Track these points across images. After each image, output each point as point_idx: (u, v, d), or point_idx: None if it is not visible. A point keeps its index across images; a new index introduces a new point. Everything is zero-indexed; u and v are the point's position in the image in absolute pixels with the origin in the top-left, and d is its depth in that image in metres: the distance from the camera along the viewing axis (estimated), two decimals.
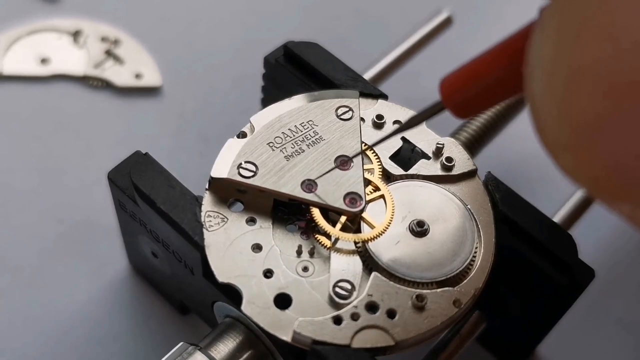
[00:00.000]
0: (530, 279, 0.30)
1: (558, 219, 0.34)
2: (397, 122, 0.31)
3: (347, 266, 0.27)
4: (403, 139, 0.31)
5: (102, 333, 0.35)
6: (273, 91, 0.35)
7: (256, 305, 0.26)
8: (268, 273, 0.27)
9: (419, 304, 0.26)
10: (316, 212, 0.28)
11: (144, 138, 0.42)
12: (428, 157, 0.30)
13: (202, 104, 0.44)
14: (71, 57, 0.44)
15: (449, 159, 0.30)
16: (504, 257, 0.29)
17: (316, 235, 0.28)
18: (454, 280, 0.27)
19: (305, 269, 0.27)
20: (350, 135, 0.30)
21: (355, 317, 0.26)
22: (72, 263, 0.37)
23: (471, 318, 0.32)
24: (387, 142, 0.30)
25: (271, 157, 0.29)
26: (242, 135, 0.30)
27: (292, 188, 0.28)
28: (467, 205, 0.29)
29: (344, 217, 0.28)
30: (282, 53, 0.34)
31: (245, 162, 0.29)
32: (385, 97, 0.32)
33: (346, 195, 0.28)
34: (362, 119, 0.31)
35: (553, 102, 0.18)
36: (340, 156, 0.29)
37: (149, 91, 0.44)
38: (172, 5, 0.48)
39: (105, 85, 0.44)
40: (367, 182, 0.29)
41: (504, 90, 0.23)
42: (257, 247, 0.27)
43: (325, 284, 0.27)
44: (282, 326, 0.26)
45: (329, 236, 0.28)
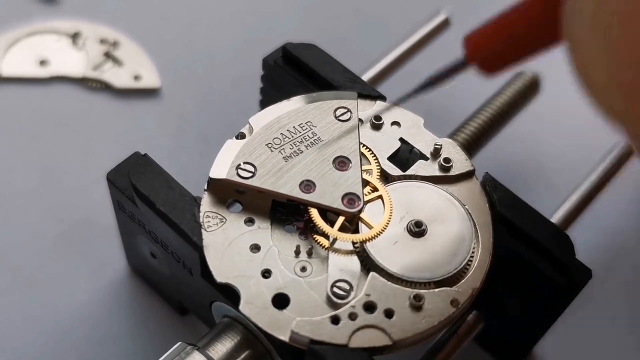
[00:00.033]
0: (527, 279, 0.30)
1: (556, 220, 0.34)
2: (395, 124, 0.31)
3: (345, 266, 0.27)
4: (401, 139, 0.31)
5: (101, 333, 0.35)
6: (272, 92, 0.35)
7: (254, 305, 0.26)
8: (266, 273, 0.27)
9: (416, 303, 0.27)
10: (314, 213, 0.28)
11: (143, 139, 0.42)
12: (426, 158, 0.30)
13: (201, 106, 0.44)
14: (70, 58, 0.44)
15: (447, 160, 0.30)
16: (502, 258, 0.29)
17: (314, 236, 0.28)
18: (451, 280, 0.27)
19: (304, 269, 0.27)
20: (349, 136, 0.30)
21: (353, 317, 0.26)
22: (71, 263, 0.37)
23: (469, 318, 0.32)
24: (385, 143, 0.30)
25: (270, 158, 0.29)
26: (241, 136, 0.30)
27: (290, 189, 0.28)
28: (464, 205, 0.29)
29: (342, 218, 0.28)
30: (280, 54, 0.34)
31: (243, 163, 0.29)
32: (383, 98, 0.32)
33: (344, 195, 0.28)
34: (361, 120, 0.31)
35: (599, 41, 0.17)
36: (338, 157, 0.29)
37: (148, 93, 0.44)
38: (170, 7, 0.48)
39: (104, 86, 0.44)
40: (365, 183, 0.29)
41: (536, 38, 0.21)
42: (255, 248, 0.28)
43: (323, 284, 0.27)
44: (280, 326, 0.26)
45: (327, 236, 0.28)
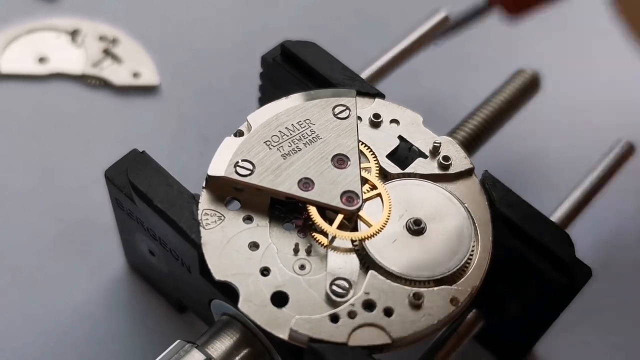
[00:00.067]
0: (527, 277, 0.30)
1: (556, 218, 0.34)
2: (394, 121, 0.31)
3: (344, 264, 0.27)
4: (400, 137, 0.31)
5: (101, 331, 0.35)
6: (270, 90, 0.35)
7: (253, 303, 0.26)
8: (265, 271, 0.27)
9: (416, 302, 0.27)
10: (313, 211, 0.28)
11: (141, 136, 0.42)
12: (425, 156, 0.30)
13: (200, 103, 0.44)
14: (69, 56, 0.44)
15: (446, 158, 0.30)
16: (501, 256, 0.29)
17: (313, 234, 0.28)
18: (451, 278, 0.27)
19: (302, 267, 0.27)
20: (347, 134, 0.30)
21: (352, 315, 0.26)
22: (71, 262, 0.37)
23: (468, 316, 0.32)
24: (384, 141, 0.30)
25: (268, 156, 0.29)
26: (239, 133, 0.30)
27: (289, 186, 0.28)
28: (464, 203, 0.29)
29: (341, 216, 0.28)
30: (279, 52, 0.34)
31: (242, 160, 0.29)
32: (382, 96, 0.32)
33: (343, 193, 0.28)
34: (359, 118, 0.31)
35: None
36: (337, 155, 0.29)
37: (147, 90, 0.44)
38: (170, 4, 0.48)
39: (103, 84, 0.44)
40: (364, 181, 0.29)
41: None
42: (254, 245, 0.28)
43: (322, 282, 0.27)
44: (279, 324, 0.26)
45: (325, 234, 0.28)
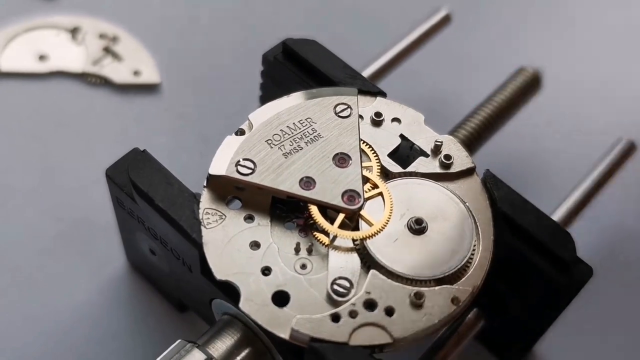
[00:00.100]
0: (528, 276, 0.29)
1: (557, 217, 0.34)
2: (396, 120, 0.31)
3: (345, 264, 0.27)
4: (401, 136, 0.31)
5: (101, 331, 0.35)
6: (271, 88, 0.35)
7: (254, 302, 0.26)
8: (266, 270, 0.27)
9: (417, 301, 0.26)
10: (314, 210, 0.28)
11: (142, 135, 0.42)
12: (426, 155, 0.30)
13: (201, 101, 0.44)
14: (69, 53, 0.44)
15: (448, 157, 0.30)
16: (502, 255, 0.29)
17: (314, 233, 0.28)
18: (452, 277, 0.27)
19: (304, 266, 0.27)
20: (349, 133, 0.30)
21: (353, 314, 0.26)
22: (71, 262, 0.37)
23: (469, 316, 0.32)
24: (386, 140, 0.30)
25: (269, 155, 0.29)
26: (240, 132, 0.30)
27: (290, 185, 0.28)
28: (465, 203, 0.29)
29: (342, 215, 0.28)
30: (280, 50, 0.34)
31: (243, 159, 0.29)
32: (384, 94, 0.32)
33: (344, 192, 0.28)
34: (361, 117, 0.31)
35: None
36: (338, 154, 0.29)
37: (148, 88, 0.44)
38: (170, 2, 0.48)
39: (103, 82, 0.44)
40: (365, 180, 0.29)
41: None
42: (255, 245, 0.27)
43: (323, 282, 0.27)
44: (280, 323, 0.26)
45: (327, 234, 0.28)
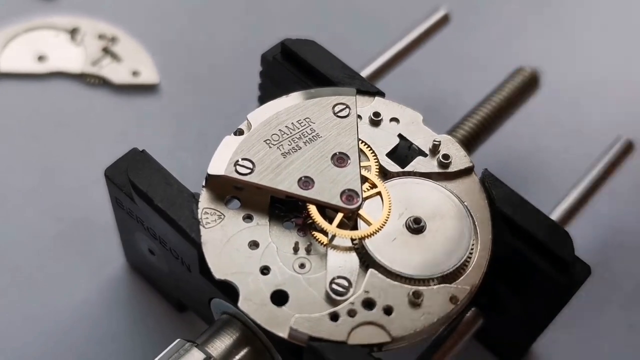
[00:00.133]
0: (527, 275, 0.30)
1: (555, 216, 0.34)
2: (394, 120, 0.31)
3: (344, 263, 0.27)
4: (400, 136, 0.31)
5: (101, 331, 0.35)
6: (270, 88, 0.35)
7: (253, 302, 0.26)
8: (265, 270, 0.27)
9: (415, 300, 0.27)
10: (313, 209, 0.28)
11: (141, 135, 0.42)
12: (425, 154, 0.30)
13: (200, 101, 0.44)
14: (68, 54, 0.44)
15: (446, 156, 0.30)
16: (501, 254, 0.29)
17: (313, 232, 0.28)
18: (450, 277, 0.27)
19: (302, 265, 0.27)
20: (347, 133, 0.30)
21: (352, 313, 0.26)
22: (71, 262, 0.37)
23: (468, 315, 0.32)
24: (384, 139, 0.30)
25: (268, 154, 0.29)
26: (239, 132, 0.30)
27: (289, 185, 0.28)
28: (463, 202, 0.29)
29: (341, 214, 0.28)
30: (279, 50, 0.34)
31: (242, 159, 0.29)
32: (382, 94, 0.32)
33: (343, 192, 0.28)
34: (359, 117, 0.31)
35: None
36: (337, 153, 0.29)
37: (147, 88, 0.44)
38: (169, 2, 0.48)
39: (102, 82, 0.44)
40: (363, 179, 0.29)
41: None
42: (254, 244, 0.28)
43: (322, 281, 0.27)
44: (279, 323, 0.26)
45: (325, 233, 0.28)
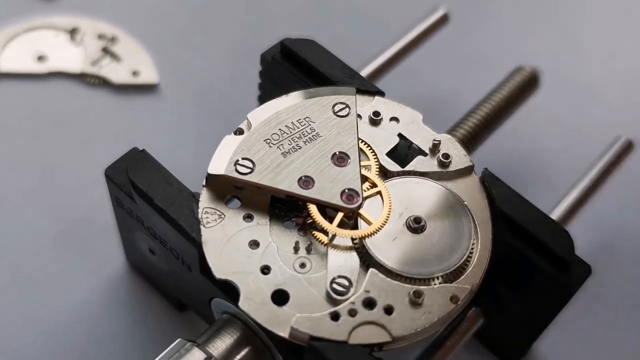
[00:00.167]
0: (527, 275, 0.30)
1: (555, 216, 0.34)
2: (394, 119, 0.31)
3: (345, 262, 0.27)
4: (400, 135, 0.31)
5: (101, 331, 0.35)
6: (270, 88, 0.35)
7: (253, 301, 0.26)
8: (265, 269, 0.27)
9: (416, 300, 0.27)
10: (313, 209, 0.28)
11: (141, 135, 0.42)
12: (425, 154, 0.30)
13: (200, 101, 0.44)
14: (68, 54, 0.44)
15: (446, 156, 0.30)
16: (501, 254, 0.29)
17: (313, 232, 0.28)
18: (451, 276, 0.27)
19: (303, 265, 0.27)
20: (347, 132, 0.30)
21: (352, 313, 0.26)
22: (71, 262, 0.37)
23: (468, 314, 0.32)
24: (384, 139, 0.30)
25: (268, 154, 0.29)
26: (239, 131, 0.30)
27: (289, 184, 0.28)
28: (463, 201, 0.29)
29: (341, 214, 0.28)
30: (279, 50, 0.34)
31: (242, 158, 0.29)
32: (382, 94, 0.32)
33: (343, 191, 0.28)
34: (359, 116, 0.31)
35: None
36: (337, 153, 0.29)
37: (146, 88, 0.44)
38: (169, 2, 0.48)
39: (102, 82, 0.44)
40: (364, 179, 0.29)
41: None
42: (254, 244, 0.28)
43: (322, 281, 0.27)
44: (280, 322, 0.26)
45: (326, 232, 0.28)
